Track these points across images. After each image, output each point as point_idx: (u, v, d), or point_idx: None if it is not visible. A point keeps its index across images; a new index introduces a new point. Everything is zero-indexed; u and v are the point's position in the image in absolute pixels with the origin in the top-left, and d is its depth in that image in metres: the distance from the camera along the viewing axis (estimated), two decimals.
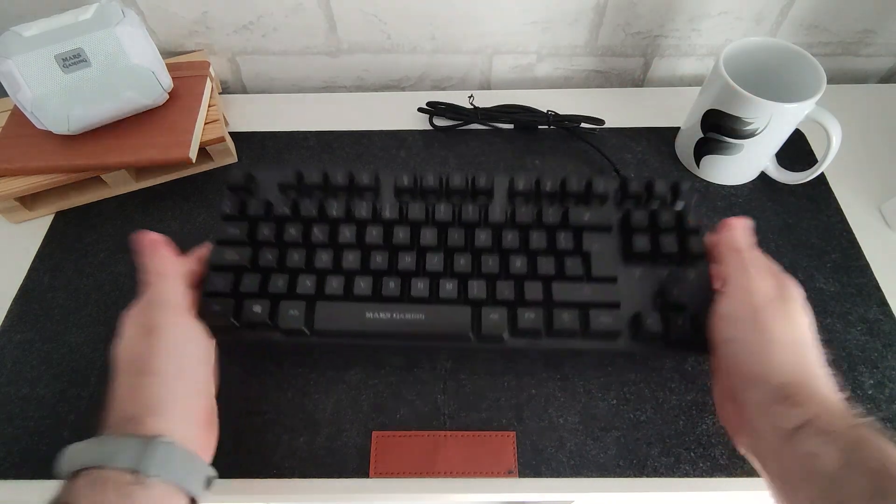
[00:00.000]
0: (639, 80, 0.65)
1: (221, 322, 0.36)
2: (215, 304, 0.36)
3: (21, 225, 0.50)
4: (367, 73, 0.63)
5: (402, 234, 0.39)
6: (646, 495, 0.38)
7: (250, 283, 0.37)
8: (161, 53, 0.49)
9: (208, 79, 0.54)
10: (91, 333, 0.43)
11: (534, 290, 0.37)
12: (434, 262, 0.38)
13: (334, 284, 0.37)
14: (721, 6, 0.56)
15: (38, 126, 0.45)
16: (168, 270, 0.34)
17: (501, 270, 0.39)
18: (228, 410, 0.39)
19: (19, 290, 0.46)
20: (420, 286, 0.37)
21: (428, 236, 0.39)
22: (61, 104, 0.44)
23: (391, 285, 0.37)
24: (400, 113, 0.57)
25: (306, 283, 0.37)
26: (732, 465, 0.38)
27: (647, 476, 0.38)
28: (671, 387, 0.41)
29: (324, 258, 0.38)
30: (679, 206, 0.42)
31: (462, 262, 0.38)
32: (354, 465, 0.38)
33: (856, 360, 0.42)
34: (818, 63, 0.45)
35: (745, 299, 0.30)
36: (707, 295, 0.36)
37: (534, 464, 0.38)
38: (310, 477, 0.38)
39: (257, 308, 0.36)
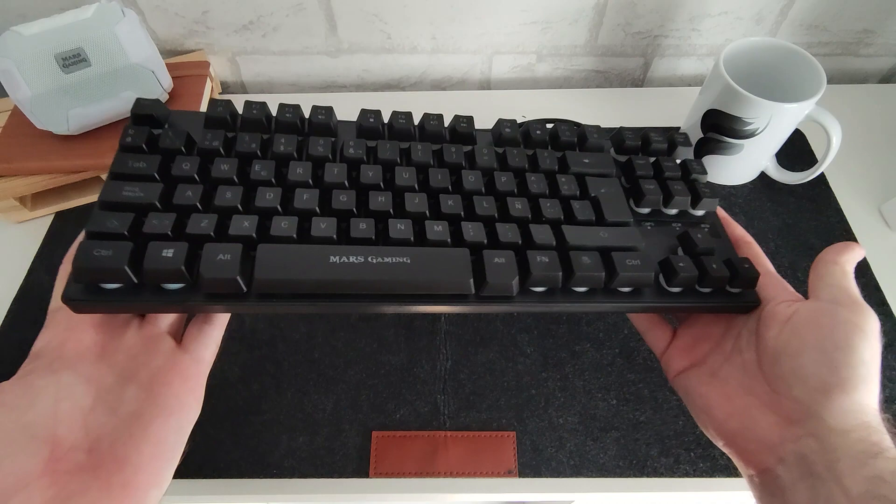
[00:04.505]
0: (639, 80, 0.65)
1: (109, 276, 0.25)
2: (100, 246, 0.25)
3: (21, 225, 0.50)
4: (368, 73, 0.63)
5: (371, 173, 0.31)
6: (646, 495, 0.38)
7: (159, 223, 0.27)
8: (161, 53, 0.49)
9: (208, 79, 0.54)
10: None
11: (543, 233, 0.30)
12: (415, 202, 0.30)
13: (283, 225, 0.28)
14: (721, 6, 0.56)
15: (38, 126, 0.45)
16: None
17: (500, 213, 0.31)
18: (228, 410, 0.39)
19: (19, 290, 0.45)
20: (400, 227, 0.29)
21: (405, 176, 0.31)
22: (61, 104, 0.44)
23: (362, 226, 0.28)
24: None
25: (243, 224, 0.27)
26: (732, 466, 0.38)
27: (647, 476, 0.38)
28: (671, 387, 0.41)
29: (268, 196, 0.29)
30: (680, 156, 0.37)
31: (450, 204, 0.30)
32: (354, 465, 0.38)
33: None
34: (818, 63, 0.45)
35: (831, 310, 0.27)
36: (728, 254, 0.33)
37: (534, 464, 0.38)
38: (310, 477, 0.38)
39: (168, 251, 0.25)
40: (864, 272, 0.46)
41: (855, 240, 0.48)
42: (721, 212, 0.36)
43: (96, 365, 0.26)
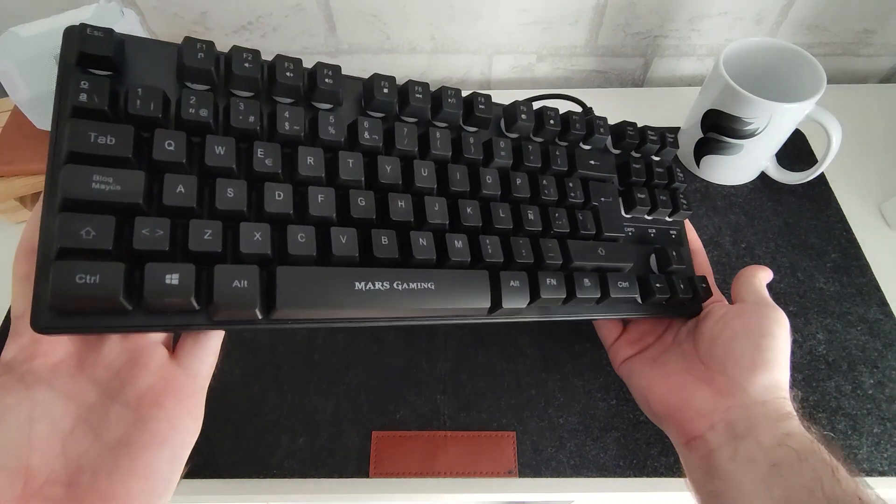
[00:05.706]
0: (639, 80, 0.65)
1: (99, 306, 0.21)
2: (83, 270, 0.20)
3: (21, 225, 0.50)
4: (367, 73, 0.62)
5: (390, 169, 0.28)
6: (646, 495, 0.38)
7: (151, 234, 0.21)
8: None
9: None
10: None
11: (553, 251, 0.31)
12: (435, 209, 0.28)
13: (300, 238, 0.24)
14: (721, 6, 0.56)
15: (38, 126, 0.45)
16: None
17: (514, 222, 0.31)
18: (229, 412, 0.39)
19: None
20: (423, 243, 0.27)
21: (424, 174, 0.29)
22: None
23: (384, 241, 0.26)
24: None
25: (255, 237, 0.23)
26: None
27: (647, 476, 0.38)
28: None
29: (278, 196, 0.24)
30: (667, 155, 0.39)
31: (470, 212, 0.29)
32: (354, 465, 0.38)
33: (856, 360, 0.42)
34: (818, 63, 0.45)
35: (755, 307, 0.34)
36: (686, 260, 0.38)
37: (534, 464, 0.38)
38: (310, 477, 0.38)
39: (172, 277, 0.21)
40: (864, 272, 0.46)
41: (855, 239, 0.48)
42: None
43: (75, 378, 0.22)
